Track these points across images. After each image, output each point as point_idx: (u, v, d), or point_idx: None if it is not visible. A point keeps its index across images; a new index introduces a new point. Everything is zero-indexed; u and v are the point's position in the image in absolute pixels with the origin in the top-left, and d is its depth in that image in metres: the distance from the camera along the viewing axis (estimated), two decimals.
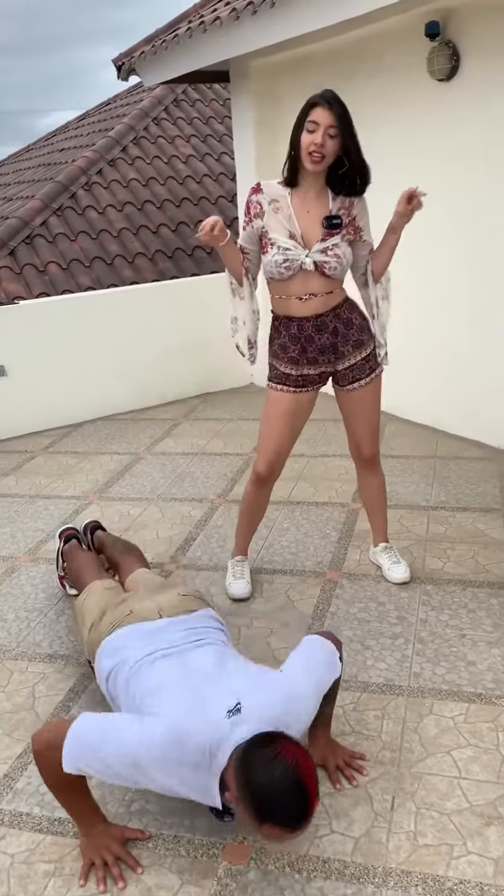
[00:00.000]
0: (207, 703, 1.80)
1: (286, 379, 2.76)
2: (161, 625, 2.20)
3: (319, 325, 2.66)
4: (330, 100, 2.41)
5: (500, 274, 4.09)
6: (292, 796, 1.56)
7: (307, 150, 2.44)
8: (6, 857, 1.89)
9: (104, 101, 10.22)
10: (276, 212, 2.59)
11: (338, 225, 2.57)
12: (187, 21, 5.38)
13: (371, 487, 3.03)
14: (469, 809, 1.94)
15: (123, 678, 2.05)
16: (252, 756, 1.60)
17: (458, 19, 3.92)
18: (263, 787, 1.56)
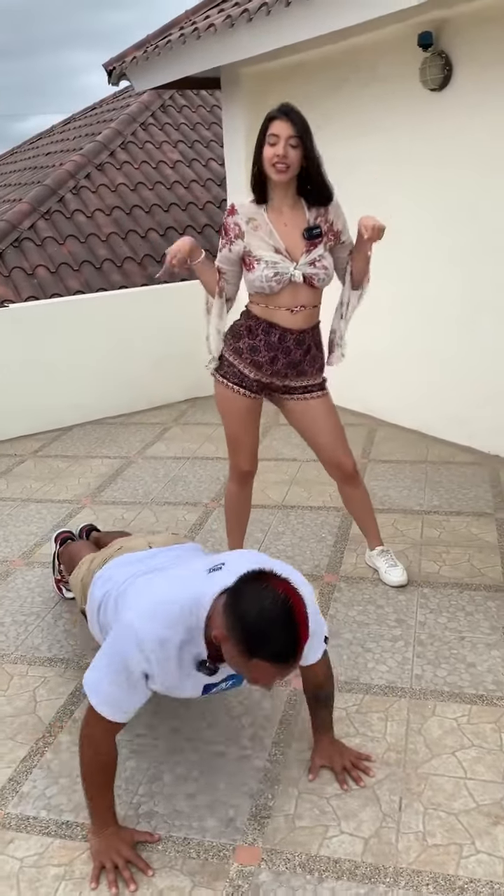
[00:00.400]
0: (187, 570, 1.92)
1: (242, 380, 2.77)
2: (150, 552, 2.27)
3: (299, 340, 2.70)
4: (288, 111, 2.47)
5: (488, 281, 4.15)
6: (282, 627, 1.55)
7: (271, 162, 2.48)
8: (15, 862, 1.87)
9: (90, 106, 10.20)
10: (255, 230, 2.60)
11: (318, 234, 2.61)
12: (178, 28, 5.41)
13: (355, 499, 3.05)
14: (476, 809, 1.96)
15: (112, 600, 2.09)
16: (241, 590, 1.62)
17: (451, 30, 3.98)
18: (253, 619, 1.55)
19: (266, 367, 2.73)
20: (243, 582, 1.64)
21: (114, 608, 2.07)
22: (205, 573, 1.84)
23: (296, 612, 1.58)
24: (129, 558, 2.25)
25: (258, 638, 1.55)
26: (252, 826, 1.94)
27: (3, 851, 1.91)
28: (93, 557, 2.48)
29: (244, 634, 1.56)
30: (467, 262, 4.25)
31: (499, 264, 4.07)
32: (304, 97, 4.96)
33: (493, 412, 4.31)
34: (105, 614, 2.13)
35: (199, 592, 1.76)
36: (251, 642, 1.55)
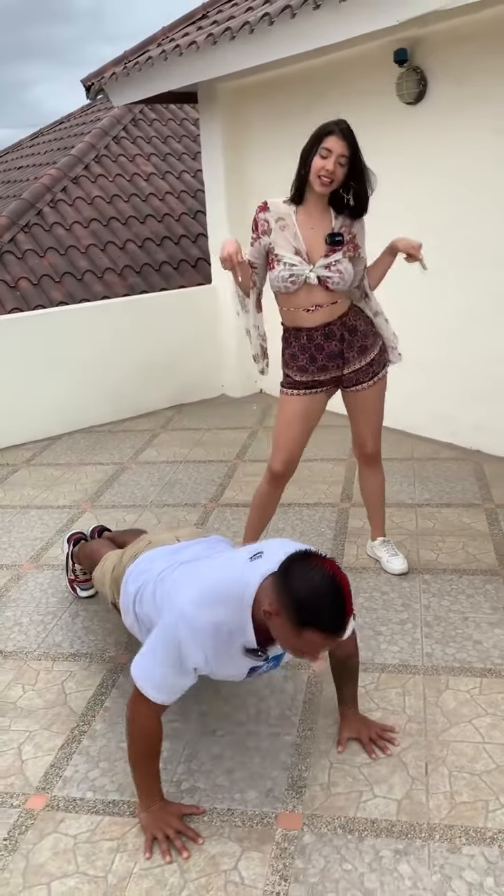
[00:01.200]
0: (229, 560, 2.02)
1: (297, 385, 2.93)
2: (180, 545, 2.38)
3: (328, 334, 2.84)
4: (345, 131, 2.61)
5: (465, 288, 4.35)
6: (332, 599, 1.70)
7: (318, 174, 2.63)
8: (69, 839, 1.97)
9: (57, 120, 10.28)
10: (282, 229, 2.75)
11: (340, 242, 2.76)
12: (157, 44, 5.55)
13: (372, 484, 3.21)
14: (497, 769, 2.11)
15: (150, 591, 2.19)
16: (291, 567, 1.75)
17: (426, 47, 4.18)
18: (305, 592, 1.69)
19: (310, 367, 2.88)
20: (292, 561, 1.77)
21: (151, 599, 2.17)
22: (246, 560, 1.96)
23: (343, 587, 1.72)
24: (160, 552, 2.35)
25: (311, 609, 1.68)
26: (291, 795, 2.06)
27: (56, 830, 2.00)
28: (120, 554, 2.57)
29: (297, 606, 1.69)
30: (445, 271, 4.43)
31: (475, 272, 4.28)
32: (282, 112, 5.16)
33: (472, 410, 4.51)
34: (142, 606, 2.22)
35: (245, 578, 1.87)
36: (304, 613, 1.68)
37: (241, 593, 1.85)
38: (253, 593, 1.84)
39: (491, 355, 4.33)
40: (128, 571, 2.36)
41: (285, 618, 1.72)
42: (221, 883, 1.82)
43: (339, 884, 1.80)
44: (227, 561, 2.07)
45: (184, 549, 2.34)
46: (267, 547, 2.01)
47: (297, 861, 1.86)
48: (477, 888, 1.77)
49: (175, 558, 2.26)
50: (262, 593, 1.82)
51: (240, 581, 1.88)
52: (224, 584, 1.90)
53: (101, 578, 2.61)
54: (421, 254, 2.80)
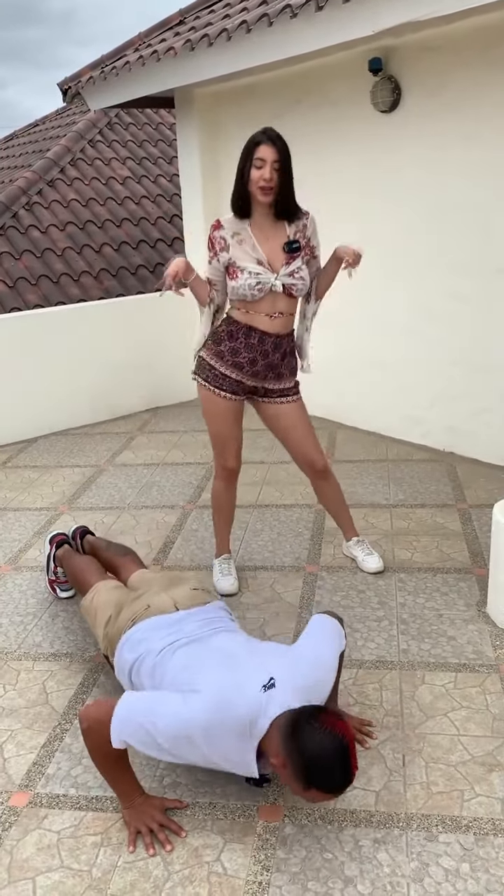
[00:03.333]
0: (241, 678, 1.95)
1: (223, 381, 2.95)
2: (179, 616, 2.34)
3: (277, 344, 2.91)
4: (273, 137, 2.68)
5: (433, 296, 4.45)
6: (340, 766, 1.74)
7: (257, 185, 2.69)
8: (52, 835, 1.99)
9: (31, 123, 10.27)
10: (240, 244, 2.81)
11: (297, 248, 2.83)
12: (134, 49, 5.58)
13: (329, 494, 3.24)
14: (472, 760, 2.17)
15: (148, 667, 2.18)
16: (303, 728, 1.77)
17: (399, 57, 4.27)
18: (314, 758, 1.73)
19: (246, 367, 2.92)
20: (304, 717, 1.77)
21: (149, 676, 2.14)
22: (259, 688, 1.90)
23: (350, 753, 1.75)
24: (159, 622, 2.31)
25: (318, 775, 1.73)
26: (271, 788, 2.10)
27: (40, 826, 2.02)
28: (117, 605, 2.49)
29: (305, 770, 1.73)
30: (415, 276, 4.54)
31: (446, 278, 4.37)
32: (258, 117, 5.21)
33: (443, 413, 4.60)
34: (139, 676, 2.21)
35: (257, 710, 1.85)
36: (311, 777, 1.73)
37: (251, 726, 1.84)
38: (264, 729, 1.84)
39: (458, 358, 4.42)
40: (124, 636, 2.32)
41: (292, 774, 1.76)
42: (205, 874, 1.86)
43: (320, 872, 1.84)
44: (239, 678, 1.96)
45: (182, 621, 2.30)
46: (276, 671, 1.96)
47: (278, 851, 1.90)
48: (453, 874, 1.82)
49: (173, 632, 2.24)
50: (271, 735, 1.83)
51: (253, 714, 1.85)
52: (239, 712, 1.86)
53: (92, 615, 2.57)
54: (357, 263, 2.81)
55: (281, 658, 2.07)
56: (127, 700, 1.92)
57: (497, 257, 4.10)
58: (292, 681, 1.94)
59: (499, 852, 1.87)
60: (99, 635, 2.50)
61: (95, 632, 2.54)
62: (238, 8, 4.75)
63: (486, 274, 4.17)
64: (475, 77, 3.96)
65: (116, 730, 1.87)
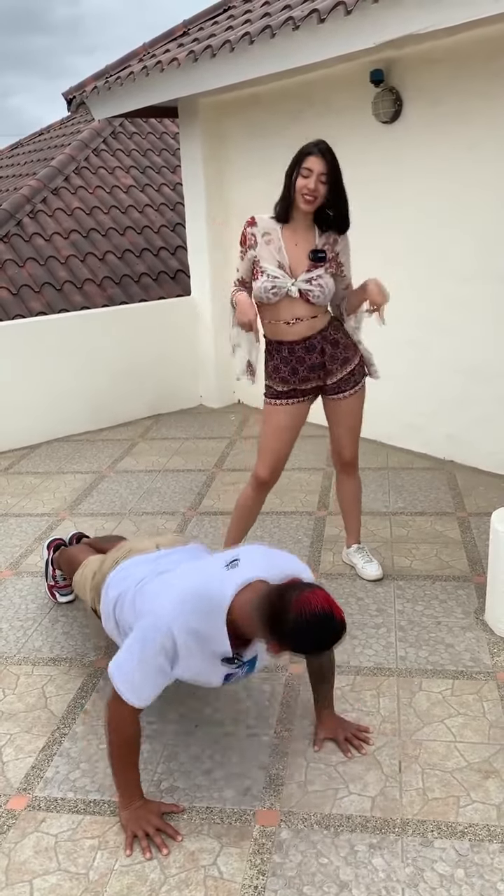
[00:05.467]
0: (205, 567, 2.06)
1: (279, 395, 3.02)
2: (161, 552, 2.44)
3: (308, 347, 2.93)
4: (324, 151, 2.72)
5: (434, 304, 4.47)
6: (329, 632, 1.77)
7: (301, 193, 2.74)
8: (50, 838, 2.00)
9: (37, 131, 10.34)
10: (267, 244, 2.85)
11: (322, 258, 2.86)
12: (138, 59, 5.63)
13: (348, 490, 3.28)
14: (468, 767, 2.18)
15: (130, 598, 2.24)
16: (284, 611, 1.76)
17: (401, 68, 4.31)
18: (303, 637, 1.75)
19: (291, 378, 2.98)
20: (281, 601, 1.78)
21: (131, 605, 2.21)
22: (222, 567, 2.01)
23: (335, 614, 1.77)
24: (141, 559, 2.40)
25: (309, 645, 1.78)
26: (268, 793, 2.12)
27: (38, 829, 2.03)
28: (102, 559, 2.61)
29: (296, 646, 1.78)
30: (418, 286, 4.56)
31: (447, 287, 4.40)
32: (261, 128, 5.26)
33: (444, 421, 4.62)
34: (122, 611, 2.27)
35: (221, 586, 1.93)
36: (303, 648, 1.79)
37: (218, 601, 1.91)
38: (228, 602, 1.89)
39: (458, 367, 4.44)
40: (108, 578, 2.40)
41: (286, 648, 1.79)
42: (201, 878, 1.87)
43: (316, 877, 1.85)
44: (204, 567, 2.11)
45: (164, 557, 2.39)
46: (243, 553, 2.07)
47: (274, 856, 1.91)
48: (448, 879, 1.83)
49: (155, 566, 2.31)
50: (240, 602, 1.88)
51: (216, 589, 1.93)
52: (200, 591, 1.95)
53: (82, 583, 2.65)
54: (384, 308, 2.85)
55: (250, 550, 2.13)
56: (112, 662, 1.99)
57: (498, 266, 4.12)
58: (258, 559, 1.98)
59: (494, 858, 1.88)
60: (87, 594, 2.57)
61: (85, 595, 2.61)
62: (241, 20, 4.80)
63: (487, 283, 4.20)
64: (476, 88, 3.99)
65: (122, 688, 1.94)
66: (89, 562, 2.70)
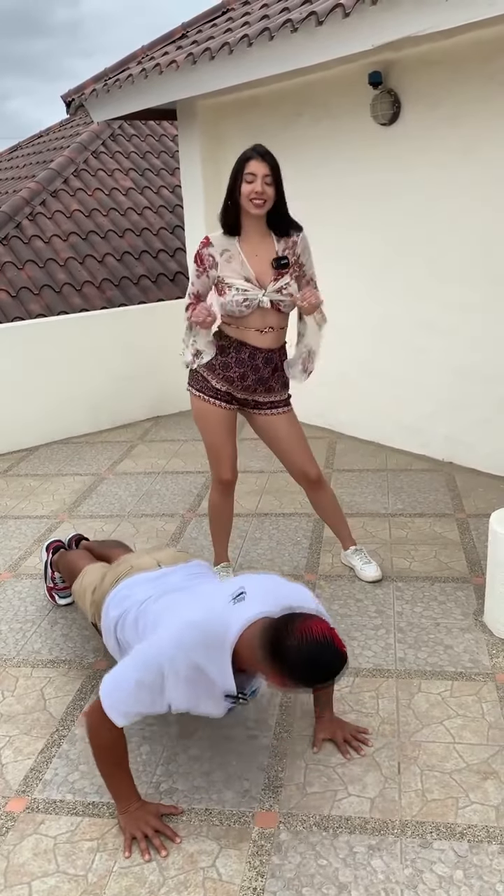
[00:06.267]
0: (210, 599, 2.02)
1: (216, 393, 3.00)
2: (163, 571, 2.41)
3: (268, 359, 2.94)
4: (263, 153, 2.74)
5: (432, 307, 4.48)
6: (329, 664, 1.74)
7: (249, 198, 2.73)
8: (49, 840, 2.00)
9: (35, 134, 10.35)
10: (228, 261, 2.85)
11: (286, 264, 2.86)
12: (137, 62, 5.64)
13: (324, 503, 3.27)
14: (467, 768, 2.18)
15: (132, 618, 2.23)
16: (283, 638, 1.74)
17: (399, 70, 4.31)
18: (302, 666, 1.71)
19: (237, 382, 2.96)
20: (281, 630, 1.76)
21: (133, 628, 2.19)
22: (228, 601, 1.96)
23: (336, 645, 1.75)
24: (142, 578, 2.37)
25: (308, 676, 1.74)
26: (267, 795, 2.11)
27: (36, 831, 2.03)
28: (102, 574, 2.57)
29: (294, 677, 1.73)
30: (416, 289, 4.57)
31: (445, 290, 4.40)
32: (259, 130, 5.26)
33: (443, 423, 4.62)
34: (124, 632, 2.25)
35: (227, 622, 1.89)
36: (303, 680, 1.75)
37: (223, 638, 1.87)
38: (235, 639, 1.87)
39: (457, 369, 4.44)
40: (109, 596, 2.37)
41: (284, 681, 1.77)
42: (200, 880, 1.86)
43: (315, 878, 1.85)
44: (210, 599, 2.05)
45: (165, 576, 2.36)
46: (248, 585, 2.01)
47: (273, 858, 1.91)
48: (447, 881, 1.83)
49: (157, 586, 2.29)
50: (244, 644, 1.85)
51: (222, 625, 1.89)
52: (205, 627, 1.90)
53: (81, 594, 2.63)
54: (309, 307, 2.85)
55: (255, 578, 2.10)
56: (106, 680, 1.96)
57: (496, 269, 4.13)
58: (266, 594, 1.94)
59: (493, 859, 1.88)
60: (87, 607, 2.56)
61: (84, 608, 2.60)
62: (240, 22, 4.81)
63: (485, 285, 4.20)
64: (474, 90, 4.00)
65: (109, 705, 1.91)
66: (88, 571, 2.68)
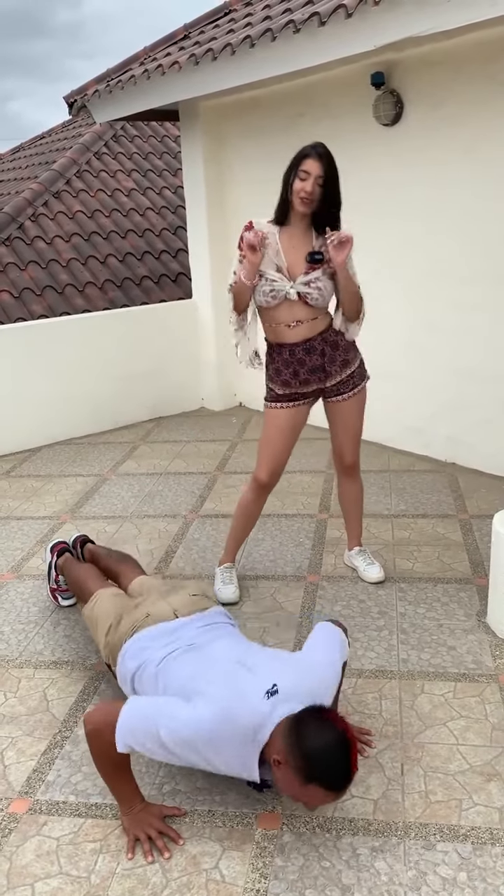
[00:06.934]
0: (244, 687, 1.96)
1: (280, 398, 3.02)
2: (179, 623, 2.36)
3: (308, 349, 2.92)
4: (322, 154, 2.72)
5: (435, 307, 4.48)
6: (340, 759, 1.76)
7: (298, 195, 2.74)
8: (52, 841, 2.00)
9: (39, 135, 10.36)
10: (265, 247, 2.84)
11: (320, 260, 2.85)
12: (139, 63, 5.64)
13: (350, 493, 3.28)
14: (470, 770, 2.18)
15: (150, 674, 2.19)
16: (305, 723, 1.79)
17: (402, 71, 4.31)
18: (315, 750, 1.75)
19: (292, 381, 2.98)
20: (307, 714, 1.81)
21: (152, 683, 2.16)
22: (262, 695, 1.92)
23: (352, 748, 1.77)
24: (159, 631, 2.33)
25: (318, 768, 1.74)
26: (270, 796, 2.11)
27: (39, 833, 2.03)
28: (118, 614, 2.50)
29: (305, 763, 1.74)
30: (418, 289, 4.56)
31: (447, 290, 4.40)
32: (262, 130, 5.27)
33: (445, 424, 4.62)
34: (142, 685, 2.22)
35: (262, 718, 1.87)
36: (311, 771, 1.74)
37: (255, 733, 1.86)
38: (267, 736, 1.86)
39: (459, 369, 4.44)
40: (126, 646, 2.34)
41: (293, 770, 1.77)
42: (203, 881, 1.86)
43: (318, 880, 1.85)
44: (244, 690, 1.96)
45: (183, 628, 2.32)
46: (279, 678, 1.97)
47: (276, 859, 1.91)
48: (450, 883, 1.82)
49: (175, 640, 2.26)
50: (274, 742, 1.84)
51: (256, 724, 1.87)
52: (240, 720, 1.87)
53: (93, 623, 2.58)
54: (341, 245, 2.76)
55: (284, 665, 2.08)
56: (132, 705, 1.93)
57: (498, 268, 4.12)
58: (295, 687, 1.95)
59: (496, 861, 1.87)
60: (100, 644, 2.51)
61: (97, 640, 2.56)
62: (242, 23, 4.81)
63: (487, 285, 4.20)
64: (476, 91, 3.99)
65: (122, 735, 1.89)
66: (100, 598, 2.63)
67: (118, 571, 2.94)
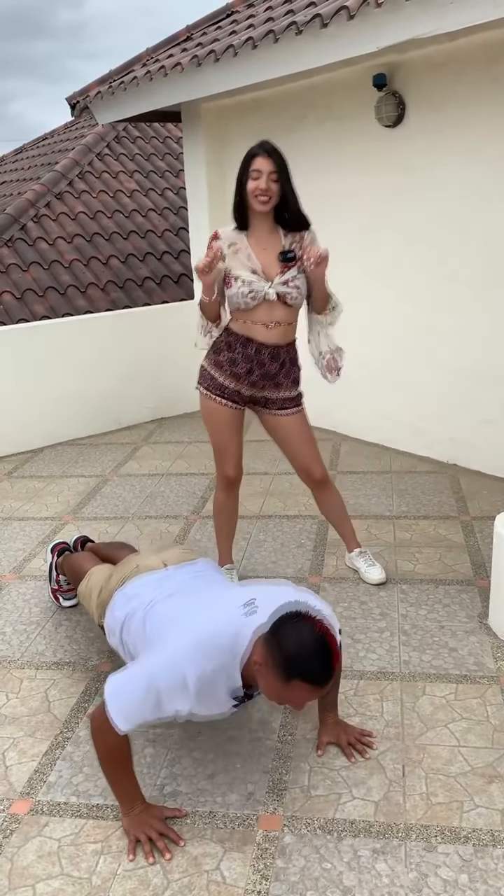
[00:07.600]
0: (223, 606, 2.03)
1: (223, 391, 3.00)
2: (168, 572, 2.41)
3: (274, 355, 2.94)
4: (269, 150, 2.76)
5: (437, 308, 4.47)
6: (319, 651, 1.78)
7: (254, 195, 2.76)
8: (53, 842, 2.00)
9: (40, 136, 10.38)
10: (235, 254, 2.86)
11: (292, 258, 2.87)
12: (142, 64, 5.65)
13: (329, 503, 3.28)
14: (471, 771, 2.18)
15: (139, 620, 2.22)
16: (282, 624, 1.82)
17: (404, 72, 4.31)
18: (294, 646, 1.77)
19: (243, 377, 2.96)
20: (284, 617, 1.84)
21: (140, 629, 2.19)
22: (240, 610, 1.98)
23: (330, 641, 1.80)
24: (148, 579, 2.37)
25: (298, 662, 1.76)
26: (271, 798, 2.11)
27: (41, 833, 2.03)
28: (108, 575, 2.57)
29: (285, 659, 1.76)
30: (421, 290, 4.56)
31: (449, 292, 4.40)
32: (264, 132, 5.24)
33: (447, 425, 4.61)
34: (129, 633, 2.25)
35: (238, 631, 1.91)
36: (292, 666, 1.76)
37: (233, 647, 1.90)
38: (245, 648, 1.89)
39: (461, 371, 4.44)
40: (115, 596, 2.37)
41: (274, 670, 1.78)
42: (204, 882, 1.86)
43: (319, 882, 1.85)
44: (221, 608, 2.05)
45: (172, 576, 2.36)
46: (260, 595, 2.03)
47: (277, 861, 1.91)
48: (452, 885, 1.82)
49: (164, 587, 2.28)
50: (255, 648, 1.88)
51: (233, 634, 1.91)
52: (217, 637, 1.92)
53: (87, 595, 2.63)
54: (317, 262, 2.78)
55: (265, 586, 2.14)
56: (112, 682, 1.96)
57: (500, 270, 4.12)
58: (275, 601, 1.96)
59: (497, 863, 1.87)
60: (94, 608, 2.56)
61: (91, 609, 2.59)
62: (244, 25, 4.81)
63: (489, 287, 4.20)
64: (479, 92, 3.99)
65: (115, 714, 1.90)
66: (94, 572, 2.68)
67: (115, 556, 2.93)
